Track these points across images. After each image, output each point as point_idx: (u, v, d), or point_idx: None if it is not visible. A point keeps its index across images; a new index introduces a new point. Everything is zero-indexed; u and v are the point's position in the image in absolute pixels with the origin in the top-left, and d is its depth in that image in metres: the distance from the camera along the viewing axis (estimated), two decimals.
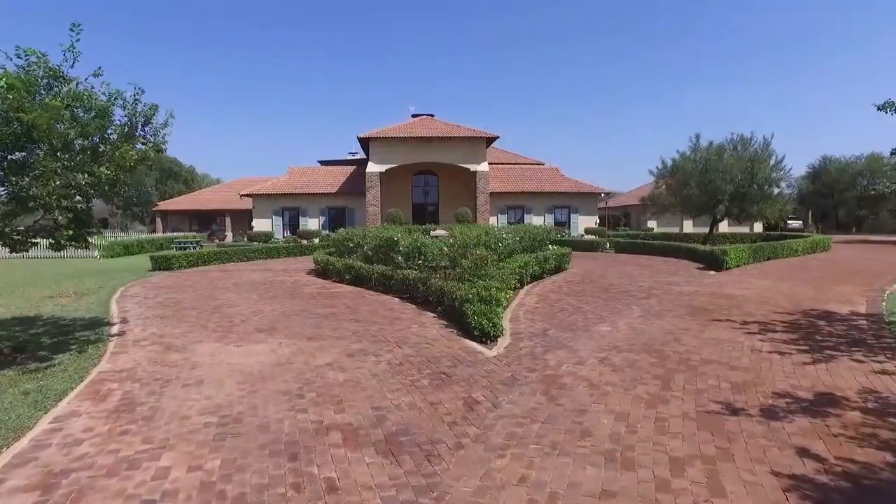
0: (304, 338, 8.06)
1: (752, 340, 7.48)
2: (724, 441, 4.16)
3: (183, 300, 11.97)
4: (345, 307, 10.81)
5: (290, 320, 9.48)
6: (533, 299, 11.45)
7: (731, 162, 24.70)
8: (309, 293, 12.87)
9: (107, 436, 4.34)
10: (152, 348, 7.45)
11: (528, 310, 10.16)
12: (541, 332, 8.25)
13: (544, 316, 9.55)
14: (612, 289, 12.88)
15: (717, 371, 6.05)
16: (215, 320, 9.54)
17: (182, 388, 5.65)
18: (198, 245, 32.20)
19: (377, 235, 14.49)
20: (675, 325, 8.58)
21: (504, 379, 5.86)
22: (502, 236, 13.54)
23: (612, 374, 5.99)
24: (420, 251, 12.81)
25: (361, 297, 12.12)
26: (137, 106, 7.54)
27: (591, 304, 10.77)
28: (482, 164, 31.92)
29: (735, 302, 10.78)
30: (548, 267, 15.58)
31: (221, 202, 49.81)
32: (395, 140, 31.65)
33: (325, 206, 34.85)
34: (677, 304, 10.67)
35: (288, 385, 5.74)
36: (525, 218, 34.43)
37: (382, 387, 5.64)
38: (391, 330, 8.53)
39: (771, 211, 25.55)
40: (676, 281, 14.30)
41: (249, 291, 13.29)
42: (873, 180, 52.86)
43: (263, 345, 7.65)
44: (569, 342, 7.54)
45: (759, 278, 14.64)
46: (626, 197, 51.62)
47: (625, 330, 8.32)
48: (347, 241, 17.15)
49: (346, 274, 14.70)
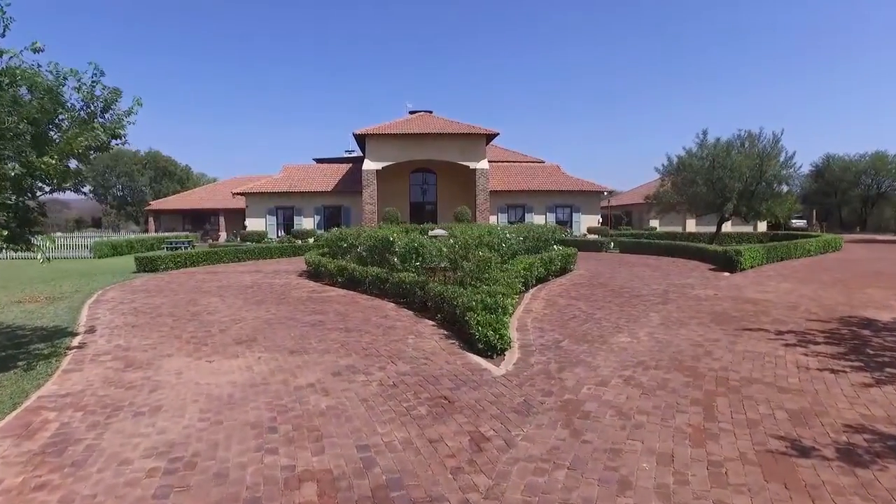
0: (286, 351, 7.14)
1: (794, 354, 6.58)
2: (806, 501, 3.26)
3: (161, 305, 11.05)
4: (335, 314, 9.90)
5: (274, 329, 8.56)
6: (540, 304, 10.55)
7: (740, 159, 23.81)
8: (298, 298, 11.96)
9: (15, 494, 3.42)
10: (112, 364, 6.53)
11: (537, 317, 9.26)
12: (553, 343, 7.35)
13: (554, 324, 8.65)
14: (624, 292, 11.99)
15: (765, 394, 5.16)
16: (191, 329, 8.62)
17: (133, 418, 4.72)
18: (189, 245, 31.23)
19: (371, 235, 13.58)
20: (702, 336, 7.68)
21: (516, 405, 4.96)
22: (506, 236, 12.64)
23: (643, 399, 5.09)
24: (417, 252, 11.90)
25: (354, 303, 11.21)
26: (96, 89, 6.63)
27: (605, 310, 9.87)
28: (482, 162, 31.01)
29: (761, 307, 9.89)
30: (553, 268, 14.70)
31: (215, 201, 48.82)
32: (392, 136, 30.72)
33: (321, 204, 33.88)
34: (698, 310, 9.78)
35: (260, 414, 4.83)
36: (526, 217, 33.52)
37: (372, 416, 4.73)
38: (385, 341, 7.62)
39: (780, 209, 24.66)
40: (691, 283, 13.42)
41: (234, 296, 12.37)
42: (878, 178, 52.03)
43: (239, 360, 6.74)
44: (586, 356, 6.65)
45: (778, 280, 13.77)
46: (628, 196, 50.78)
47: (647, 341, 7.42)
48: (341, 241, 16.23)
49: (338, 276, 13.79)
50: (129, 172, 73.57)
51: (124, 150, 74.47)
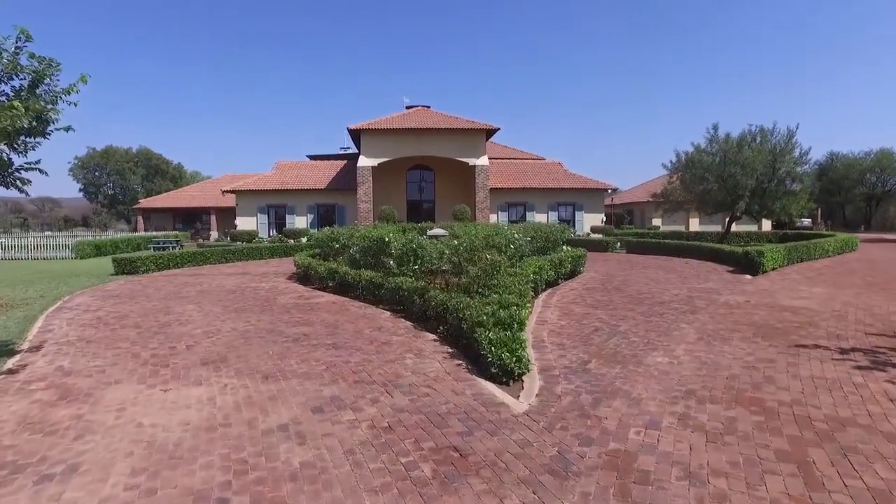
0: (259, 376, 5.95)
1: (877, 382, 5.42)
2: None
3: (129, 315, 9.83)
4: (322, 325, 8.70)
5: (250, 346, 7.37)
6: (554, 314, 9.38)
7: (753, 155, 22.70)
8: (283, 305, 10.76)
9: None
10: (42, 396, 5.32)
11: (553, 329, 8.08)
12: (578, 365, 6.18)
13: (575, 339, 7.48)
14: (644, 298, 10.83)
15: (872, 444, 3.99)
16: (154, 346, 7.41)
17: (34, 486, 3.51)
18: (177, 245, 29.95)
19: (365, 235, 12.37)
20: (751, 355, 6.52)
21: (550, 462, 3.78)
22: (513, 236, 11.45)
23: (713, 450, 3.92)
24: (415, 254, 10.71)
25: (345, 311, 10.02)
26: (21, 57, 5.41)
27: (628, 320, 8.71)
28: (481, 158, 29.82)
29: (804, 317, 8.75)
30: (563, 271, 13.54)
31: (207, 199, 47.49)
32: (389, 132, 29.50)
33: (314, 203, 32.63)
34: (734, 320, 8.62)
35: (210, 476, 3.63)
36: (527, 216, 32.37)
37: (359, 481, 3.54)
38: (378, 362, 6.44)
39: (795, 207, 23.58)
40: (714, 288, 12.28)
41: (214, 302, 11.16)
42: (884, 176, 51.12)
43: (202, 388, 5.54)
44: (622, 383, 5.48)
45: (808, 284, 12.64)
46: (629, 194, 49.72)
47: (689, 362, 6.26)
48: (332, 241, 15.02)
49: (329, 280, 12.59)
50: (120, 170, 72.10)
51: (115, 147, 73.31)
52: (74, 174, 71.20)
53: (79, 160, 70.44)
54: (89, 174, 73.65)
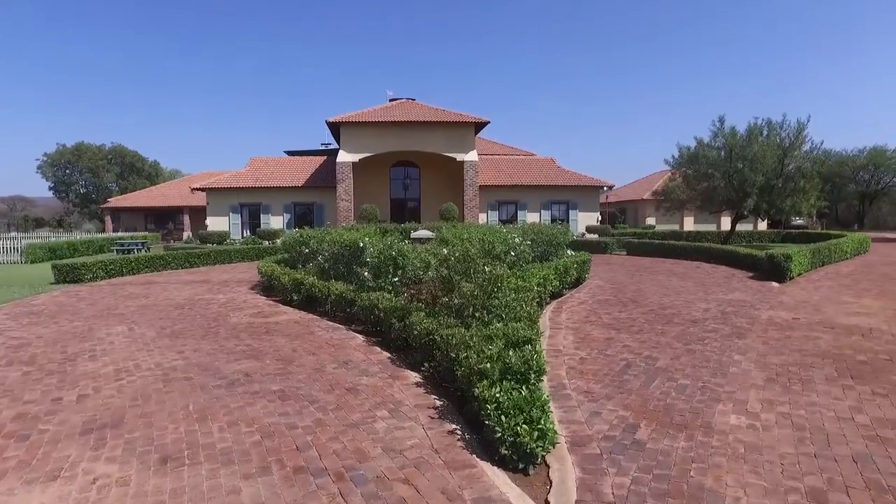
0: (156, 457, 3.98)
1: None
2: None
3: (32, 343, 7.78)
4: (274, 358, 6.74)
5: (167, 395, 5.38)
6: (568, 338, 7.52)
7: (762, 149, 21.12)
8: (234, 326, 8.76)
9: None
10: None
11: (573, 366, 6.21)
12: (624, 432, 4.30)
13: (605, 380, 5.62)
14: (670, 315, 9.03)
15: None
16: (32, 397, 5.40)
17: None
18: (143, 247, 27.66)
19: (336, 240, 10.38)
20: (860, 411, 4.70)
21: None
22: (514, 241, 9.55)
23: None
24: (395, 263, 8.79)
25: (308, 334, 8.06)
26: None
27: (664, 349, 6.87)
28: (470, 154, 27.92)
29: (886, 343, 6.98)
30: (568, 280, 11.73)
31: (181, 198, 44.91)
32: (371, 125, 27.46)
33: (291, 201, 30.47)
34: (796, 348, 6.83)
35: None
36: (518, 215, 30.58)
37: None
38: (337, 426, 4.50)
39: (806, 206, 22.05)
40: (744, 300, 10.52)
41: (151, 322, 9.15)
42: (878, 174, 50.19)
43: (55, 487, 3.56)
44: (699, 473, 3.61)
45: (851, 294, 10.94)
46: (622, 192, 48.18)
47: (777, 426, 4.41)
48: (302, 245, 13.00)
49: (293, 293, 10.60)
50: (92, 168, 69.05)
51: (87, 144, 70.09)
52: (44, 172, 67.98)
53: (48, 157, 67.26)
54: (59, 172, 70.52)
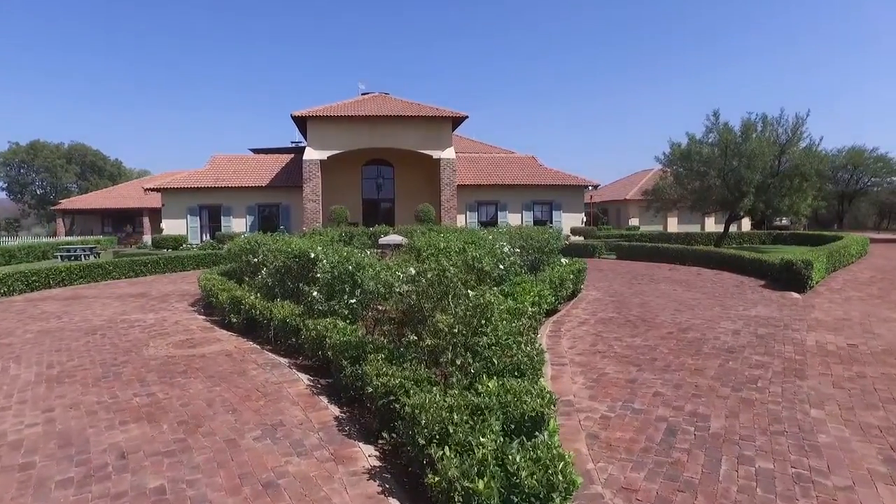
0: None
1: None
2: None
3: None
4: (176, 422, 4.74)
5: None
6: (577, 382, 5.70)
7: (759, 146, 19.75)
8: (145, 362, 6.71)
9: None
10: None
11: (596, 435, 4.36)
12: None
13: (646, 464, 3.79)
14: (697, 341, 7.30)
15: None
16: None
17: None
18: (91, 253, 25.07)
19: (281, 249, 8.36)
20: None
21: None
22: (503, 250, 7.68)
23: None
24: (353, 281, 6.85)
25: (237, 375, 6.08)
26: None
27: (709, 397, 5.09)
28: (447, 151, 26.04)
29: None
30: (563, 294, 9.96)
31: (141, 199, 41.88)
32: (340, 119, 25.36)
33: (255, 202, 28.14)
34: (889, 398, 5.14)
35: None
36: (499, 216, 28.82)
37: None
38: None
39: (804, 205, 20.79)
40: (772, 316, 8.88)
41: (39, 357, 7.08)
42: (857, 174, 50.03)
43: None
44: None
45: (890, 308, 9.41)
46: (604, 191, 46.87)
47: None
48: (249, 253, 10.92)
49: (232, 314, 8.57)
50: (49, 167, 65.19)
51: (43, 142, 66.12)
52: None
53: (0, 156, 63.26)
54: (13, 171, 66.48)
